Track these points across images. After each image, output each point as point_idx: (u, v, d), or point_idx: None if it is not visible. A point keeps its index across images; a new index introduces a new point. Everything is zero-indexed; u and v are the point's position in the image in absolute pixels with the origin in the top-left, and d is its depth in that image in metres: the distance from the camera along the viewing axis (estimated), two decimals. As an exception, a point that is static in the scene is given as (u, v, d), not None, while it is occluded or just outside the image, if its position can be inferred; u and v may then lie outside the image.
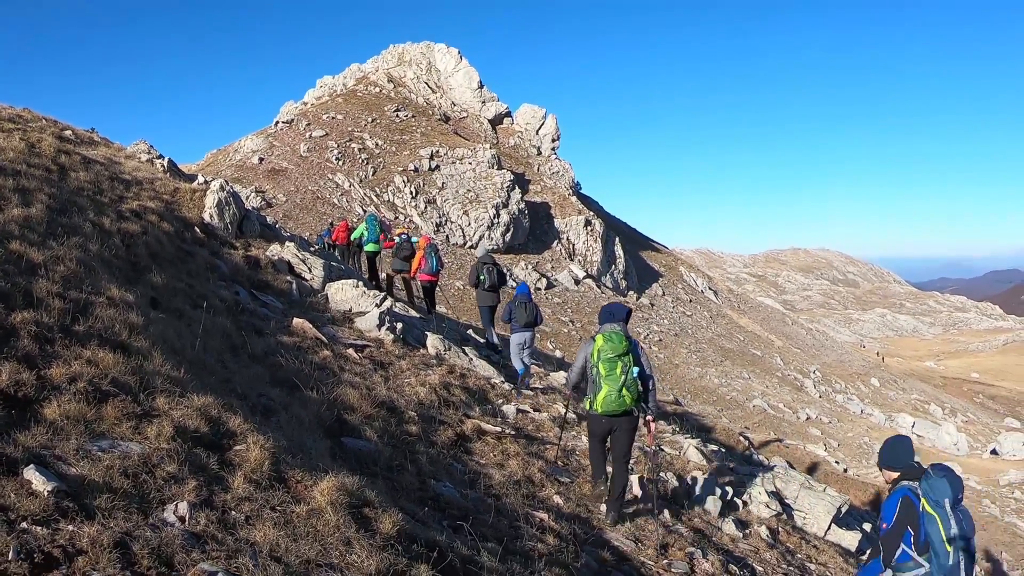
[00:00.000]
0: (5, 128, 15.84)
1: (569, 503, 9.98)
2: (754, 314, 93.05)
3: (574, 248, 69.28)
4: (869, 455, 48.11)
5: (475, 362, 16.28)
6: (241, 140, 70.08)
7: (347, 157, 62.81)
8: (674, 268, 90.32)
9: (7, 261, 8.05)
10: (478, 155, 66.85)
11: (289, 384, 10.08)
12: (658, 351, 56.84)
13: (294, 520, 5.40)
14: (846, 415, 60.79)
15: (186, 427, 6.12)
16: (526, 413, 14.02)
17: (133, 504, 4.80)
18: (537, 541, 7.79)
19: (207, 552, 4.57)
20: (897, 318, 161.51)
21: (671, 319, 69.98)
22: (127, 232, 12.84)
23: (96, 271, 9.51)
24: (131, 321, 8.09)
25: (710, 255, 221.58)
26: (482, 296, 20.46)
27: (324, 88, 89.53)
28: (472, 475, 9.52)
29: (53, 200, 11.78)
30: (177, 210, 16.46)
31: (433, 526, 6.86)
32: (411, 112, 76.44)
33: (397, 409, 10.77)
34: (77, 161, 15.77)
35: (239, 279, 14.90)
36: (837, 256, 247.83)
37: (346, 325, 14.90)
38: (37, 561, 3.95)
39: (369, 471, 7.97)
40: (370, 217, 26.08)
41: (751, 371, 62.89)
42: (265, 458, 6.07)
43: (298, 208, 52.95)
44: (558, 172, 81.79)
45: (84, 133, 20.38)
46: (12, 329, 6.57)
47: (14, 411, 5.45)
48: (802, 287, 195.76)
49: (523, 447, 11.52)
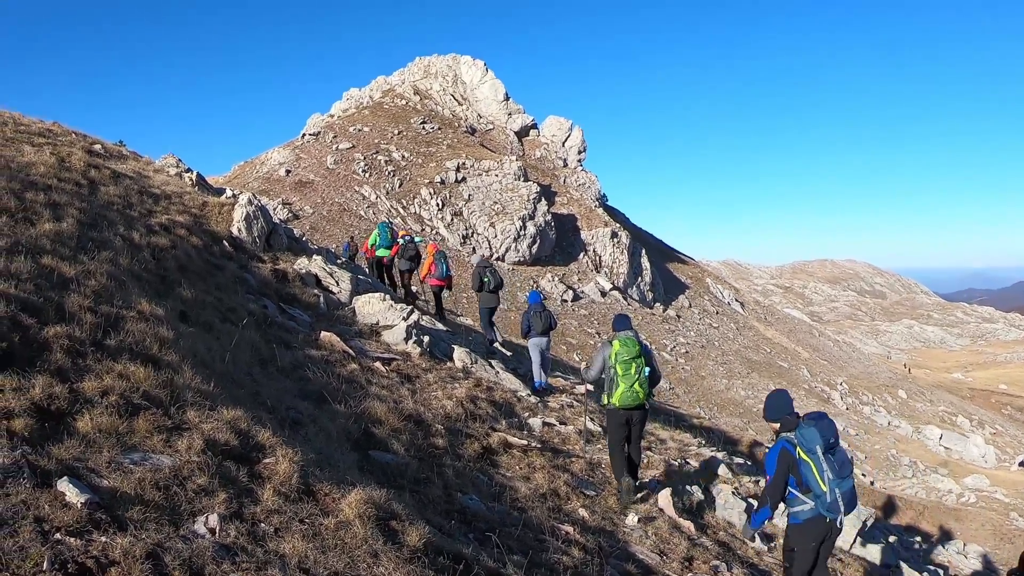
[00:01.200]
0: (35, 143, 15.98)
1: (595, 516, 9.99)
2: (781, 326, 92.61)
3: (600, 260, 69.17)
4: (896, 467, 47.85)
5: (501, 375, 16.29)
6: (268, 152, 70.32)
7: (373, 169, 62.95)
8: (700, 280, 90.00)
9: (39, 275, 8.13)
10: (504, 167, 66.85)
11: (317, 397, 10.14)
12: (684, 363, 56.70)
13: (322, 532, 5.45)
14: (873, 427, 60.47)
15: (216, 440, 6.18)
16: (552, 426, 14.02)
17: (164, 516, 4.86)
18: (562, 554, 7.80)
19: (237, 564, 4.63)
20: (924, 329, 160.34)
21: (697, 331, 69.75)
22: (157, 246, 12.94)
23: (126, 285, 9.60)
24: (161, 335, 8.16)
25: (737, 267, 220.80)
26: (486, 298, 21.25)
27: (350, 100, 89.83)
28: (498, 488, 9.55)
29: (83, 214, 11.88)
30: (206, 224, 16.57)
31: (459, 539, 6.89)
32: (437, 124, 76.56)
33: (424, 422, 10.81)
34: (107, 175, 15.89)
35: (267, 292, 14.98)
36: (864, 267, 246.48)
37: (373, 338, 14.96)
38: (70, 571, 4.02)
39: (396, 484, 8.02)
40: (381, 224, 26.47)
41: (777, 383, 62.55)
42: (294, 471, 6.12)
43: (325, 220, 53.10)
44: (584, 184, 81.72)
45: (113, 147, 20.52)
46: (45, 343, 6.65)
47: (47, 424, 5.52)
48: (829, 298, 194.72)
49: (549, 460, 11.52)
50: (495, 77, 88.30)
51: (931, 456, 54.36)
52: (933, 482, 44.81)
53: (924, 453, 54.84)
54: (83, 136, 19.71)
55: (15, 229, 9.44)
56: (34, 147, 15.35)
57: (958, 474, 47.90)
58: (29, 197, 11.13)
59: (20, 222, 9.92)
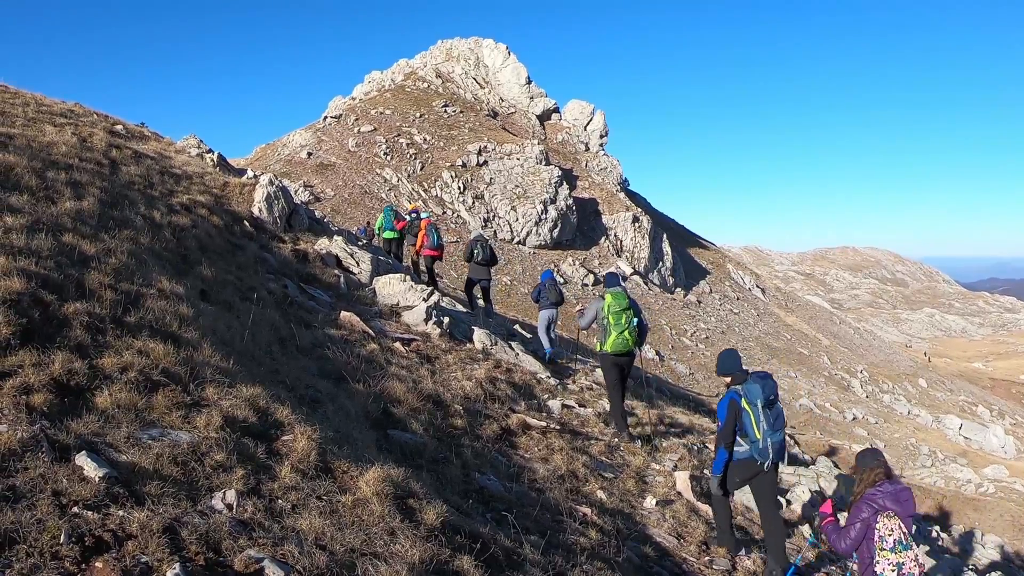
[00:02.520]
0: (57, 123, 16.02)
1: (612, 498, 9.99)
2: (801, 312, 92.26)
3: (622, 244, 69.04)
4: (915, 457, 47.68)
5: (521, 357, 16.28)
6: (289, 135, 70.33)
7: (395, 152, 62.92)
8: (721, 265, 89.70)
9: (60, 253, 8.15)
10: (526, 151, 66.74)
11: (336, 376, 10.16)
12: (704, 348, 56.60)
13: (340, 510, 5.46)
14: (893, 416, 60.27)
15: (235, 417, 6.20)
16: (571, 408, 14.01)
17: (182, 491, 4.88)
18: (580, 535, 7.80)
19: (254, 539, 4.64)
20: (945, 318, 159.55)
21: (718, 317, 69.60)
22: (177, 225, 12.97)
23: (147, 263, 9.63)
24: (181, 313, 8.18)
25: (758, 252, 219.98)
26: (474, 269, 22.11)
27: (372, 83, 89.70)
28: (516, 469, 9.55)
29: (105, 194, 11.93)
30: (227, 204, 16.61)
31: (477, 518, 6.90)
32: (459, 107, 76.44)
33: (443, 402, 10.82)
34: (128, 155, 15.94)
35: (287, 272, 15.01)
36: (886, 255, 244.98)
37: (393, 319, 14.98)
38: (88, 544, 4.03)
39: (414, 463, 8.03)
40: (387, 208, 27.64)
41: (798, 370, 62.50)
42: (312, 448, 6.14)
43: (346, 203, 53.12)
44: (606, 168, 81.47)
45: (135, 128, 20.59)
46: (65, 319, 6.67)
47: (67, 399, 5.54)
48: (850, 286, 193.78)
49: (568, 442, 11.53)
50: (517, 60, 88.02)
51: (950, 446, 54.14)
52: (952, 472, 44.63)
53: (943, 443, 54.61)
54: (104, 116, 19.78)
55: (37, 207, 9.47)
56: (56, 127, 15.40)
57: (977, 464, 47.70)
58: (51, 176, 11.17)
59: (42, 200, 9.95)
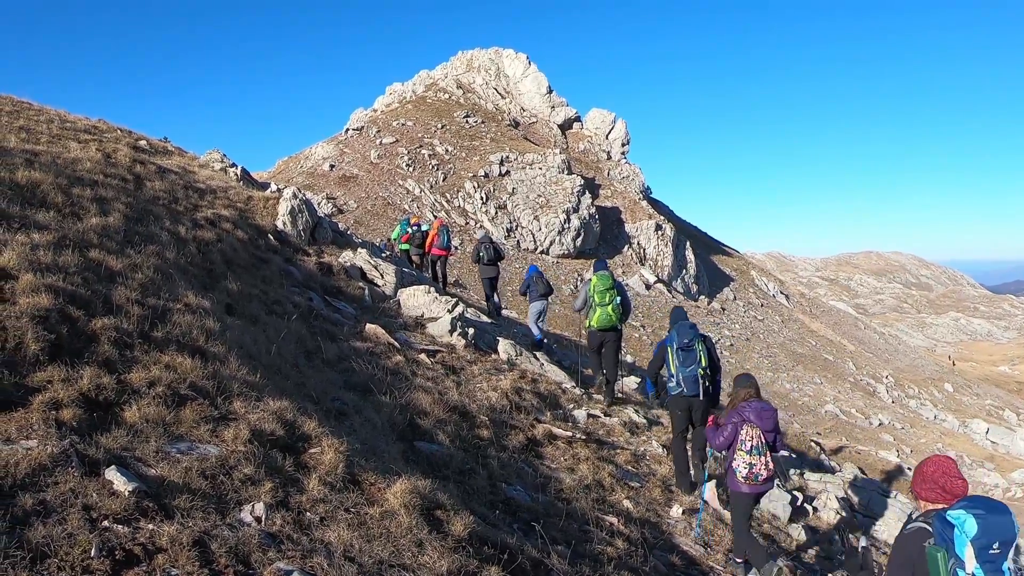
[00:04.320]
0: (81, 139, 16.16)
1: (639, 507, 9.98)
2: (826, 318, 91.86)
3: (645, 253, 68.92)
4: (943, 462, 47.37)
5: (546, 367, 16.28)
6: (312, 147, 70.50)
7: (417, 163, 62.98)
8: (745, 272, 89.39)
9: (87, 269, 8.20)
10: (548, 160, 66.70)
11: (362, 388, 10.18)
12: (729, 356, 56.38)
13: (368, 521, 5.47)
14: (919, 421, 59.83)
15: (262, 430, 6.22)
16: (597, 418, 14.00)
17: (211, 504, 4.91)
18: (606, 544, 7.80)
19: (283, 552, 4.66)
20: (971, 322, 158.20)
21: (742, 324, 69.36)
22: (202, 240, 13.04)
23: (173, 278, 9.68)
24: (208, 327, 8.22)
25: (781, 259, 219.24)
26: (484, 269, 23.72)
27: (393, 95, 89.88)
28: (543, 479, 9.55)
29: (130, 209, 12.00)
30: (251, 218, 16.70)
31: (504, 529, 6.90)
32: (480, 118, 76.48)
33: (469, 414, 10.83)
34: (152, 171, 16.05)
35: (312, 285, 15.06)
36: (910, 259, 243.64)
37: (418, 330, 15.00)
38: (118, 558, 4.06)
39: (441, 474, 8.04)
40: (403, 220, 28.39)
41: (823, 376, 62.16)
42: (339, 461, 6.15)
43: (369, 214, 53.18)
44: (628, 176, 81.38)
45: (158, 143, 20.73)
46: (93, 335, 6.71)
47: (95, 414, 5.58)
48: (874, 291, 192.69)
49: (593, 451, 11.53)
50: (538, 70, 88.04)
51: (977, 450, 53.71)
52: (979, 476, 44.27)
53: (970, 447, 54.19)
54: (128, 132, 19.93)
55: (63, 224, 9.53)
56: (80, 144, 15.53)
57: (1004, 469, 47.29)
58: (76, 192, 11.24)
59: (67, 217, 10.02)
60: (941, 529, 4.84)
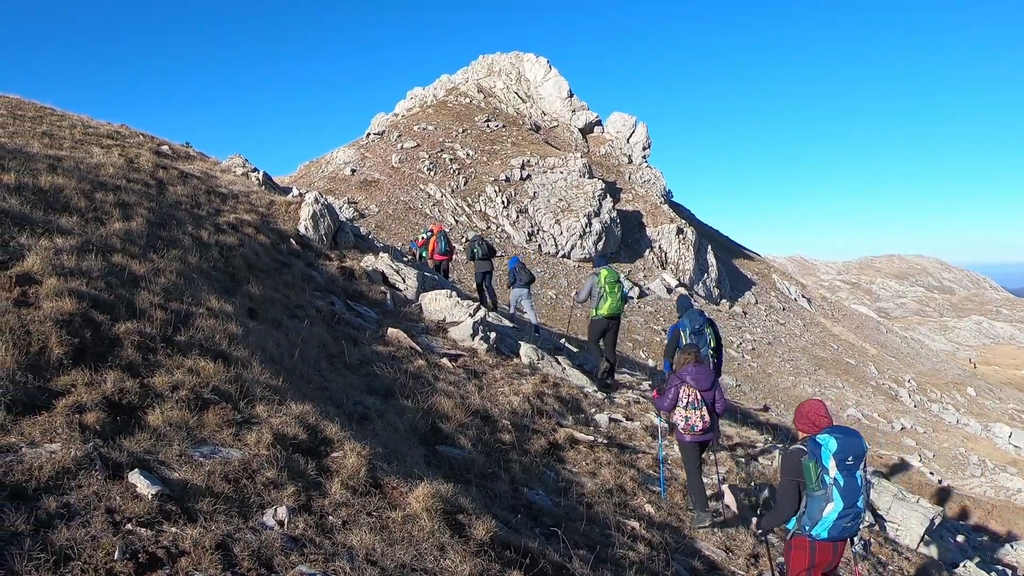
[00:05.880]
0: (104, 144, 16.25)
1: (661, 512, 9.98)
2: (848, 322, 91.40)
3: (666, 257, 68.78)
4: (965, 466, 47.04)
5: (568, 371, 16.28)
6: (333, 152, 70.61)
7: (438, 167, 63.01)
8: (767, 276, 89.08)
9: (110, 273, 8.24)
10: (569, 164, 66.63)
11: (384, 392, 10.19)
12: (751, 360, 56.21)
13: (390, 525, 5.47)
14: (941, 425, 59.49)
15: (285, 434, 6.23)
16: (619, 422, 13.98)
17: (234, 508, 4.92)
18: (628, 549, 7.79)
19: (305, 555, 4.66)
20: (993, 325, 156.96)
21: (764, 327, 69.12)
22: (225, 244, 13.09)
23: (196, 282, 9.71)
24: (230, 331, 8.25)
25: (803, 262, 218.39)
26: (478, 264, 24.94)
27: (414, 99, 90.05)
28: (564, 483, 9.55)
29: (152, 214, 12.06)
30: (273, 222, 16.74)
31: (526, 533, 6.89)
32: (501, 122, 76.48)
33: (491, 418, 10.83)
34: (175, 175, 16.12)
35: (334, 289, 15.09)
36: (932, 262, 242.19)
37: (440, 335, 15.00)
38: (141, 561, 4.07)
39: (463, 478, 8.04)
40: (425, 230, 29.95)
41: (845, 380, 61.88)
42: (361, 465, 6.15)
43: (390, 219, 53.24)
44: (649, 180, 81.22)
45: (180, 148, 20.82)
46: (116, 339, 6.74)
47: (119, 417, 5.59)
48: (896, 294, 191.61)
49: (615, 456, 11.52)
50: (559, 74, 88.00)
51: (1000, 454, 53.36)
52: (1002, 481, 43.98)
53: (993, 451, 53.82)
54: (151, 137, 20.04)
55: (86, 228, 9.58)
56: (103, 148, 15.62)
57: (1026, 474, 47.03)
58: (99, 197, 11.31)
59: (91, 221, 10.07)
60: (812, 448, 7.23)
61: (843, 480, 7.05)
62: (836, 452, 7.07)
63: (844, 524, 7.18)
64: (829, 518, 7.12)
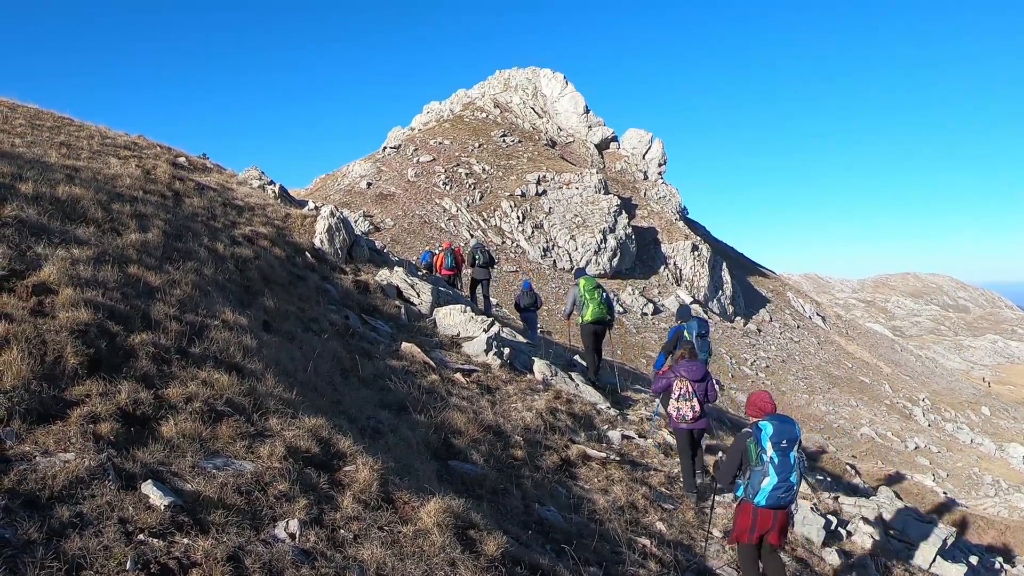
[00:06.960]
0: (121, 155, 16.32)
1: (672, 530, 9.94)
2: (862, 340, 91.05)
3: (681, 273, 68.67)
4: (979, 486, 46.77)
5: (581, 388, 16.24)
6: (349, 165, 70.80)
7: (454, 182, 63.08)
8: (781, 293, 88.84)
9: (126, 284, 8.28)
10: (585, 180, 66.63)
11: (398, 407, 10.20)
12: (765, 377, 56.04)
13: (401, 540, 5.48)
14: (955, 444, 59.16)
15: (297, 447, 6.24)
16: (631, 439, 13.95)
17: (245, 520, 4.94)
18: (639, 567, 7.79)
19: (316, 568, 4.67)
20: (1008, 344, 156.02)
21: (778, 345, 68.93)
22: (240, 257, 13.12)
23: (211, 295, 9.75)
24: (245, 344, 8.28)
25: (818, 280, 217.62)
26: (478, 271, 26.40)
27: (431, 114, 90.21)
28: (576, 500, 9.54)
29: (169, 225, 12.10)
30: (288, 235, 16.79)
31: (536, 549, 6.88)
32: (517, 137, 76.53)
33: (503, 433, 10.83)
34: (191, 187, 16.19)
35: (349, 303, 15.11)
36: (947, 281, 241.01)
37: (454, 350, 15.01)
38: (153, 571, 4.10)
39: (475, 494, 8.04)
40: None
41: (859, 399, 61.64)
42: (374, 479, 6.16)
43: (406, 232, 53.31)
44: (665, 197, 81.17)
45: (197, 160, 20.90)
46: (131, 350, 6.77)
47: (133, 428, 5.62)
48: (911, 312, 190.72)
49: (627, 473, 11.49)
50: (575, 90, 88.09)
51: (1014, 475, 53.03)
52: (1016, 501, 43.67)
53: (1007, 471, 53.51)
54: (167, 149, 20.11)
55: (102, 239, 9.62)
56: (120, 160, 15.70)
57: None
58: (116, 208, 11.35)
59: (107, 232, 10.12)
60: (755, 432, 8.61)
61: (778, 459, 8.41)
62: (772, 436, 8.49)
63: (779, 495, 8.50)
64: (766, 489, 8.45)
